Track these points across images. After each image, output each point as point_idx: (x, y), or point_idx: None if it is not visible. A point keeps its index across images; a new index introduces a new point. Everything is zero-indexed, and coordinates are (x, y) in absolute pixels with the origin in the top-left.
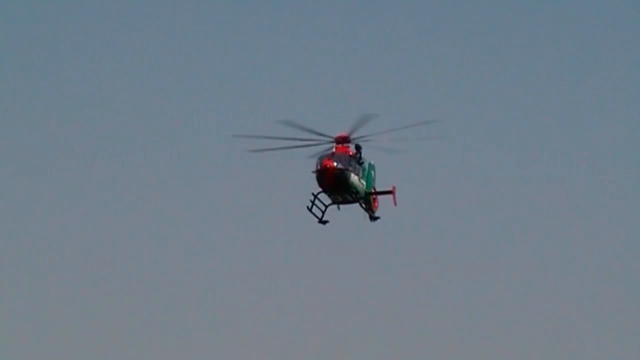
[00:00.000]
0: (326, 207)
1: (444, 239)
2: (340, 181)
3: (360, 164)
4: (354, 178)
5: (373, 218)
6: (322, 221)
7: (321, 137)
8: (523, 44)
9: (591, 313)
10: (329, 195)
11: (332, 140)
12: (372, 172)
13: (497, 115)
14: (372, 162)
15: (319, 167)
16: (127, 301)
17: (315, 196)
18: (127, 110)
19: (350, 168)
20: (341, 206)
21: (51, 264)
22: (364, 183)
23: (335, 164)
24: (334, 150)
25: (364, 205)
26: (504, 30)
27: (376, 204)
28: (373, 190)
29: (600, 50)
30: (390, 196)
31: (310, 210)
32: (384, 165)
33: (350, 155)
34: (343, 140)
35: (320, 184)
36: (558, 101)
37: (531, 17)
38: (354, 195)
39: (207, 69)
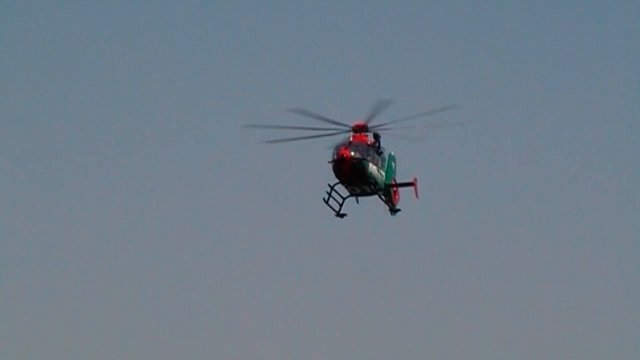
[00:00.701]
0: (344, 199)
1: (469, 233)
2: (357, 171)
3: (379, 153)
4: (372, 168)
5: (393, 211)
6: (339, 214)
7: (338, 126)
8: (545, 28)
9: (611, 315)
10: (346, 187)
11: (349, 129)
12: (393, 164)
13: (521, 101)
14: (392, 153)
15: (335, 156)
16: (141, 299)
17: (332, 187)
18: (137, 103)
19: (369, 157)
20: (360, 199)
21: (59, 262)
22: (383, 174)
23: (352, 153)
24: (351, 139)
25: (383, 197)
26: (522, 14)
27: (397, 197)
28: (393, 182)
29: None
30: (411, 188)
31: (326, 202)
32: (405, 155)
33: (368, 145)
34: (361, 128)
35: (337, 175)
36: (585, 84)
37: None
38: (372, 187)
39: (214, 59)
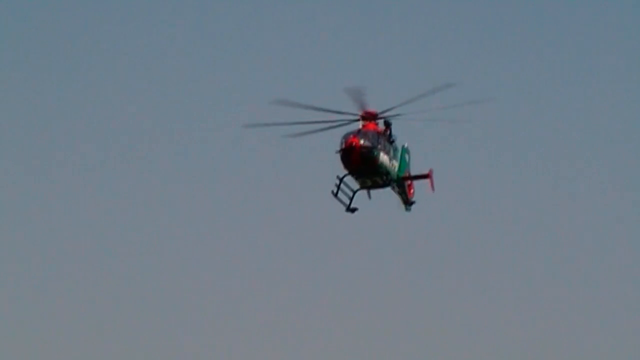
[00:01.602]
0: (354, 192)
1: (488, 228)
2: (368, 161)
3: (391, 142)
4: (383, 157)
5: (408, 204)
6: (350, 209)
7: (345, 116)
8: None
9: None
10: (356, 179)
11: (358, 117)
12: (407, 156)
13: (541, 85)
14: (406, 145)
15: (343, 145)
16: (150, 298)
17: (341, 180)
18: (132, 105)
19: (379, 146)
20: (372, 192)
21: (59, 262)
22: (396, 164)
23: (362, 141)
24: (360, 127)
25: (397, 189)
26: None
27: (412, 191)
28: (407, 175)
29: None
30: (427, 181)
31: (335, 195)
32: (420, 145)
33: (379, 133)
34: (370, 116)
35: (346, 165)
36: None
37: None
38: (384, 178)
39: (205, 58)
